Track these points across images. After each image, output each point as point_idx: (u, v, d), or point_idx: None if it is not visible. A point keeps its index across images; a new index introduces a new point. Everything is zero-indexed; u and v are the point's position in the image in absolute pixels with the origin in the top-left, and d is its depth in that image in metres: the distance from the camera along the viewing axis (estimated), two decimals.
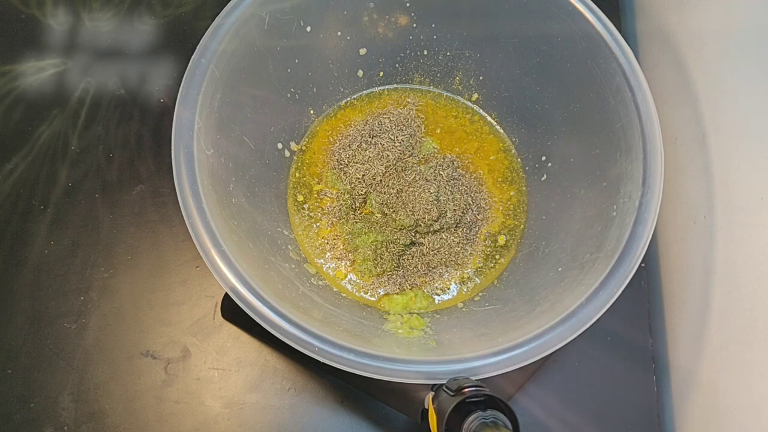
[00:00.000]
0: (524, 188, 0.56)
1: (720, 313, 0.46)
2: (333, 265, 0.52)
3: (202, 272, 0.53)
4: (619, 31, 0.45)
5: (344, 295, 0.50)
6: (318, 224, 0.53)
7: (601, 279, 0.38)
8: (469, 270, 0.52)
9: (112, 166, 0.57)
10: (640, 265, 0.38)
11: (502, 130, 0.58)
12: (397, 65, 0.58)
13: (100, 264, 0.53)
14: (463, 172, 0.56)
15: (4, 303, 0.52)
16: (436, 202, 0.52)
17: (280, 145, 0.54)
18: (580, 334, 0.37)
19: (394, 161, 0.55)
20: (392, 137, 0.56)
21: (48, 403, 0.49)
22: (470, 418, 0.29)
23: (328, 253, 0.52)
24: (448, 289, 0.52)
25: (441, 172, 0.54)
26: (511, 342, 0.36)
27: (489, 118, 0.59)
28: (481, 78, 0.57)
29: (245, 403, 0.50)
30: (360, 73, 0.57)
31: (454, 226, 0.53)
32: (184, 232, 0.37)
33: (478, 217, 0.54)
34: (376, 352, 0.35)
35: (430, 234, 0.52)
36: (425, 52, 0.56)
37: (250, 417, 0.49)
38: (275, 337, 0.35)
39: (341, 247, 0.52)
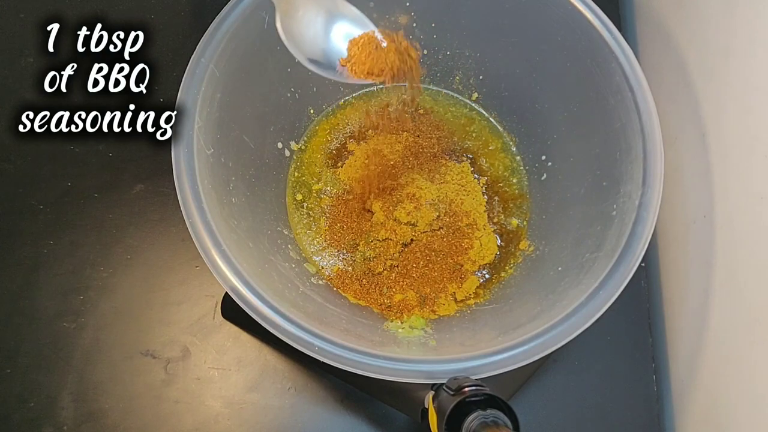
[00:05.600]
0: (524, 187, 0.56)
1: (720, 313, 0.46)
2: (332, 263, 0.52)
3: (202, 271, 0.53)
4: (619, 31, 0.45)
5: (343, 294, 0.50)
6: (317, 223, 0.53)
7: (600, 278, 0.38)
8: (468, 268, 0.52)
9: (112, 165, 0.57)
10: (640, 265, 0.38)
11: (502, 129, 0.58)
12: None
13: (100, 263, 0.53)
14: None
15: (3, 302, 0.51)
16: (435, 200, 0.52)
17: (279, 145, 0.54)
18: (579, 334, 0.37)
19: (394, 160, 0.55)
20: None
21: (47, 402, 0.49)
22: (470, 418, 0.29)
23: (327, 252, 0.52)
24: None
25: (440, 171, 0.54)
26: (511, 341, 0.36)
27: (489, 117, 0.59)
28: (480, 77, 0.57)
29: (245, 402, 0.50)
30: None
31: (453, 225, 0.53)
32: (184, 231, 0.37)
33: (478, 216, 0.54)
34: (376, 352, 0.35)
35: (429, 232, 0.52)
36: (425, 52, 0.56)
37: (250, 416, 0.49)
38: (275, 336, 0.35)
39: (340, 246, 0.52)
